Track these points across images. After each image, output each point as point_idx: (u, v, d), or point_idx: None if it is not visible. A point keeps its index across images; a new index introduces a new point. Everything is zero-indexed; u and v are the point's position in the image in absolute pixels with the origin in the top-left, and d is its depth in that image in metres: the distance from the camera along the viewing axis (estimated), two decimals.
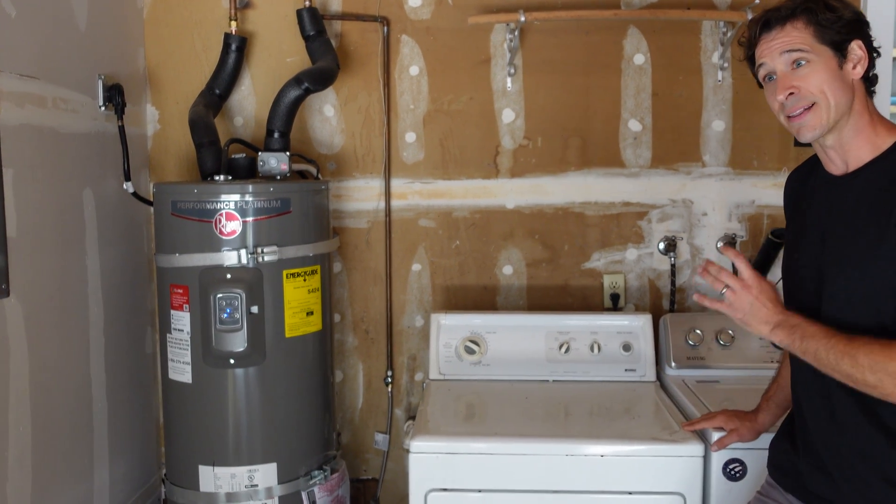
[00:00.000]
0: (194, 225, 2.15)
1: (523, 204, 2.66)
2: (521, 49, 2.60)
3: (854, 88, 1.43)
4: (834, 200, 1.48)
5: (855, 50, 1.43)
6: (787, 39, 1.44)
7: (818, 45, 1.42)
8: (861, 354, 1.33)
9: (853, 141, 1.45)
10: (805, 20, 1.43)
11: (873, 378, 1.32)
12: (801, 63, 1.43)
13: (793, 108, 1.44)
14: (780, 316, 1.45)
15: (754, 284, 1.47)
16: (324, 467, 2.32)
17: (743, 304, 1.47)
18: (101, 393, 2.30)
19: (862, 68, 1.43)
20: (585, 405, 2.26)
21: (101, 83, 2.30)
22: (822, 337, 1.39)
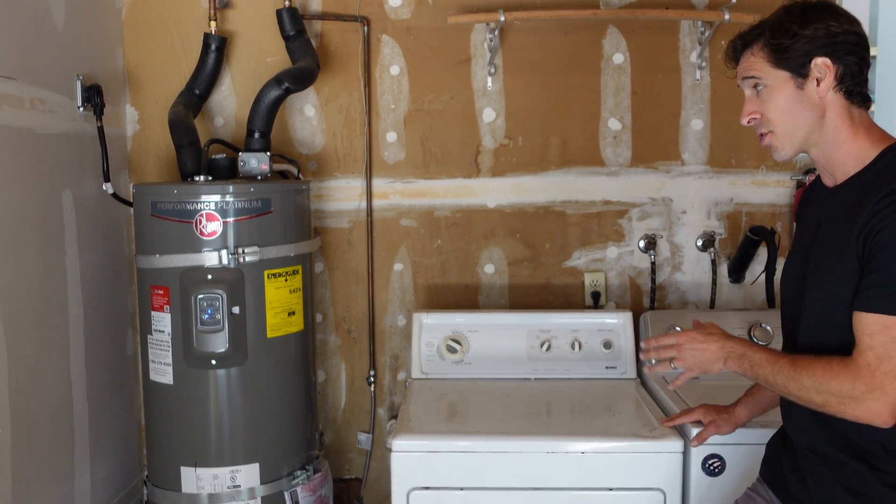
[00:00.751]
0: (174, 226, 2.15)
1: (504, 203, 2.67)
2: (502, 48, 2.61)
3: (825, 105, 1.42)
4: (822, 212, 1.50)
5: (818, 66, 1.40)
6: (745, 66, 1.47)
7: (773, 70, 1.43)
8: (804, 377, 1.38)
9: (834, 155, 1.45)
10: (760, 45, 1.44)
11: (820, 399, 1.37)
12: (760, 88, 1.45)
13: (757, 132, 1.50)
14: (724, 351, 1.52)
15: (683, 339, 1.57)
16: (306, 467, 2.32)
17: (689, 361, 1.56)
18: (81, 394, 2.29)
19: (828, 84, 1.40)
20: (566, 403, 2.27)
21: (80, 83, 2.29)
22: (767, 363, 1.44)
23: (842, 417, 1.36)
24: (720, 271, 2.67)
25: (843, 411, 1.35)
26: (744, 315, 2.48)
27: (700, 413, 1.90)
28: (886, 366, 1.31)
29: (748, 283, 2.66)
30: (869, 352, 1.32)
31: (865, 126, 1.44)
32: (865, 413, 1.33)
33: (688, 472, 1.93)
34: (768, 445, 1.69)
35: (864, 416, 1.33)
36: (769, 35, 1.43)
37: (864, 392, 1.32)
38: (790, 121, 1.43)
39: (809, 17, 1.41)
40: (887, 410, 1.31)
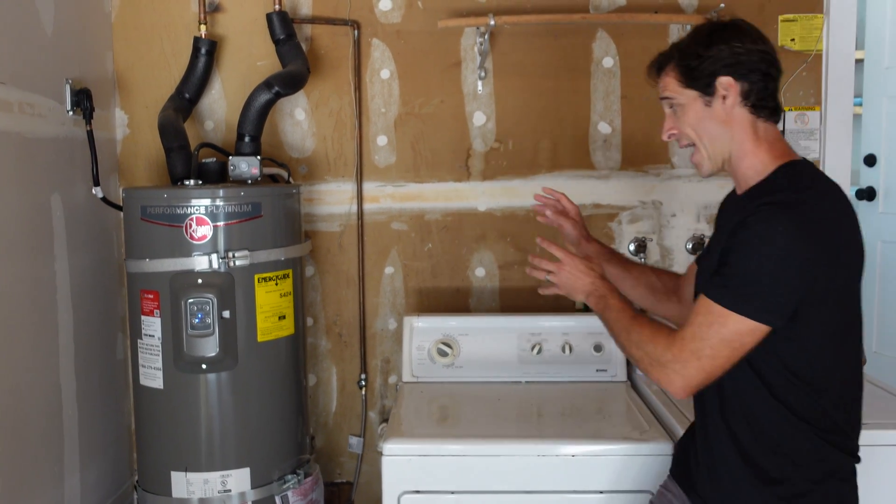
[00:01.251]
0: (164, 230, 2.14)
1: (495, 206, 2.68)
2: (492, 52, 2.62)
3: (732, 120, 1.50)
4: (724, 219, 1.62)
5: (722, 84, 1.48)
6: (661, 86, 1.58)
7: (683, 90, 1.52)
8: (635, 331, 1.52)
9: (739, 167, 1.53)
10: (672, 66, 1.54)
11: (638, 353, 1.51)
12: (674, 107, 1.56)
13: (681, 146, 1.59)
14: (592, 286, 1.65)
15: (567, 262, 1.68)
16: (297, 471, 2.32)
17: (562, 280, 1.68)
18: (71, 399, 2.28)
19: (732, 100, 1.49)
20: (557, 406, 2.27)
21: (69, 87, 2.28)
22: (618, 310, 1.58)
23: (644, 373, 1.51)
24: None
25: (649, 371, 1.49)
26: None
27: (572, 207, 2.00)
28: (694, 345, 1.42)
29: None
30: (689, 328, 1.44)
31: (769, 140, 1.52)
32: (664, 379, 1.46)
33: None
34: (678, 444, 1.77)
35: (663, 381, 1.46)
36: (678, 57, 1.53)
37: (670, 361, 1.44)
38: (703, 136, 1.53)
39: (714, 38, 1.51)
40: (681, 383, 1.44)
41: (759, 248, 1.37)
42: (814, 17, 2.61)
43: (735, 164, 1.53)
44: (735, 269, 1.40)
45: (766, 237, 1.37)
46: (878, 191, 3.54)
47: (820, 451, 1.47)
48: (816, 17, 2.61)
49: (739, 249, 1.40)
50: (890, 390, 2.27)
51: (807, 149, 2.65)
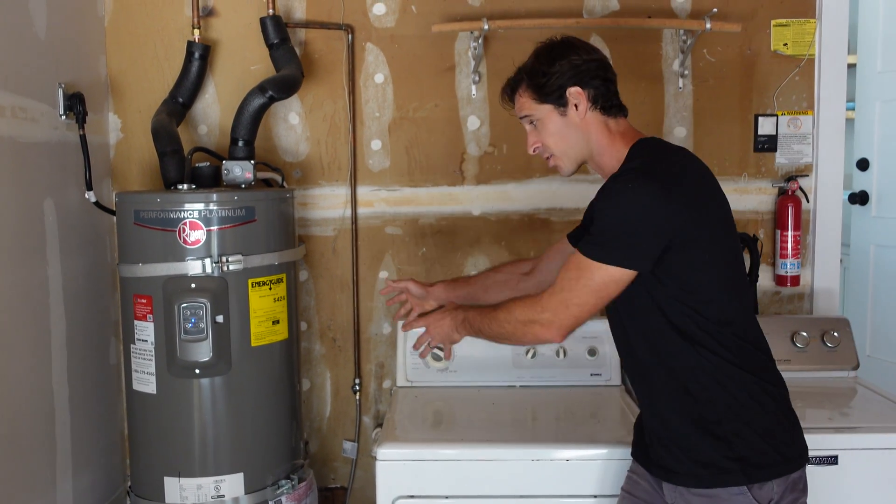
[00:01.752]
0: (158, 234, 2.14)
1: (489, 211, 2.68)
2: (486, 57, 2.62)
3: (587, 124, 1.67)
4: None
5: (572, 94, 1.65)
6: (518, 107, 1.74)
7: (539, 106, 1.68)
8: (499, 313, 1.71)
9: (601, 161, 1.70)
10: (524, 86, 1.70)
11: (510, 327, 1.68)
12: (533, 123, 1.71)
13: (543, 157, 1.74)
14: (455, 322, 1.88)
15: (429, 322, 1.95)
16: (291, 476, 2.31)
17: (438, 337, 1.94)
18: (63, 404, 2.27)
19: (584, 106, 1.66)
20: (552, 410, 2.27)
21: (62, 92, 2.28)
22: (479, 316, 1.79)
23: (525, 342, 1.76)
24: None
25: (524, 333, 1.65)
26: None
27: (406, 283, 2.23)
28: (563, 294, 1.59)
29: None
30: (558, 283, 1.61)
31: (621, 132, 1.69)
32: (539, 331, 1.62)
33: None
34: (635, 426, 1.82)
35: (539, 333, 1.62)
36: (527, 78, 1.69)
37: (540, 313, 1.61)
38: (563, 143, 1.69)
39: (554, 55, 1.68)
40: (555, 327, 1.60)
41: (617, 205, 1.54)
42: (806, 21, 2.62)
43: (598, 160, 1.70)
44: (598, 226, 1.57)
45: (622, 194, 1.54)
46: (870, 195, 3.55)
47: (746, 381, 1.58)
48: (809, 22, 2.62)
49: (601, 210, 1.58)
50: (883, 394, 2.27)
51: (799, 153, 2.66)
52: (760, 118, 2.65)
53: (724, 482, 1.55)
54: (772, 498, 1.55)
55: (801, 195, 2.64)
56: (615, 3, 2.61)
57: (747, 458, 1.55)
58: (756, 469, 1.55)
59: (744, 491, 1.54)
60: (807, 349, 2.42)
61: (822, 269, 2.68)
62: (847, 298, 3.58)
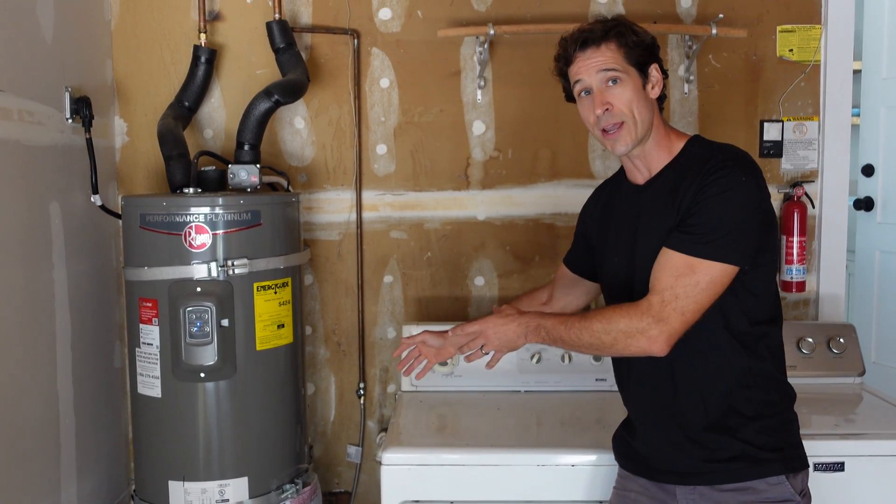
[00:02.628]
0: (163, 238, 2.14)
1: (494, 215, 2.68)
2: (491, 62, 2.63)
3: (653, 105, 1.63)
4: (640, 204, 1.66)
5: (654, 73, 1.61)
6: (601, 59, 1.59)
7: (627, 66, 1.59)
8: (594, 322, 1.55)
9: (654, 151, 1.64)
10: (616, 42, 1.59)
11: (608, 338, 1.53)
12: (615, 81, 1.58)
13: (607, 124, 1.60)
14: (522, 327, 1.66)
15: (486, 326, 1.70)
16: (296, 481, 2.31)
17: (496, 342, 1.70)
18: (68, 408, 2.27)
19: (658, 89, 1.62)
20: (557, 415, 2.27)
21: (69, 95, 2.28)
22: (559, 324, 1.61)
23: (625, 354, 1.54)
24: None
25: (627, 346, 1.51)
26: None
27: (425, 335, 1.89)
28: (678, 303, 1.48)
29: None
30: (668, 290, 1.48)
31: (669, 126, 1.68)
32: (646, 343, 1.49)
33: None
34: (614, 439, 1.82)
35: (645, 346, 1.50)
36: (620, 35, 1.59)
37: (650, 324, 1.48)
38: (639, 114, 1.59)
39: (642, 28, 1.63)
40: (664, 339, 1.49)
41: (724, 197, 1.48)
42: (812, 27, 2.62)
43: (650, 150, 1.63)
44: (702, 221, 1.49)
45: (729, 187, 1.48)
46: (875, 201, 3.54)
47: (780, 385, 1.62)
48: (814, 28, 2.62)
49: (710, 205, 1.49)
50: (889, 400, 2.27)
51: (805, 158, 2.66)
52: (766, 124, 2.65)
53: (763, 473, 1.55)
54: (803, 489, 1.58)
55: (807, 201, 2.64)
56: (620, 8, 2.61)
57: (783, 449, 1.57)
58: (791, 459, 1.58)
59: (782, 480, 1.56)
60: (812, 355, 2.42)
61: (827, 274, 2.68)
62: (852, 304, 3.58)
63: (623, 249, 1.69)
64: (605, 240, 1.77)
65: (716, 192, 1.49)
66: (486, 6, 2.61)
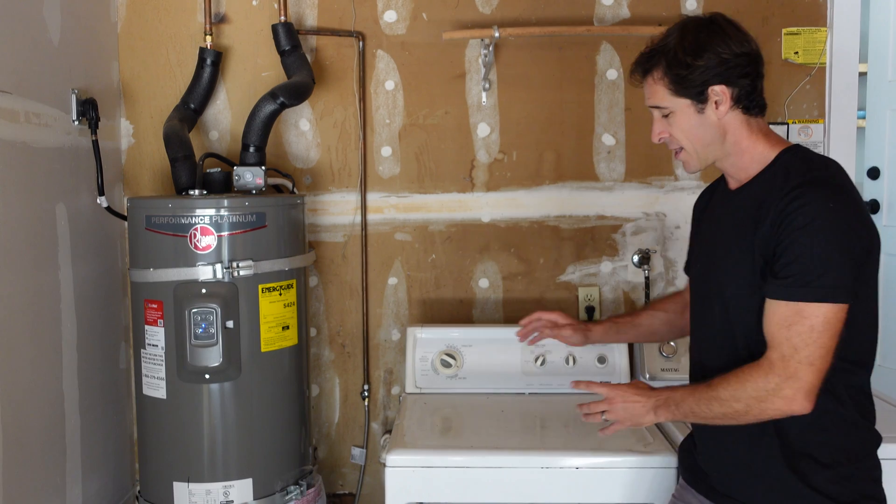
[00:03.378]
0: (169, 239, 2.14)
1: (499, 217, 2.68)
2: (496, 64, 2.63)
3: (725, 125, 1.52)
4: (725, 212, 1.61)
5: (715, 92, 1.49)
6: (648, 93, 1.56)
7: (675, 99, 1.52)
8: (721, 390, 1.45)
9: (739, 162, 1.56)
10: (661, 73, 1.52)
11: (740, 406, 1.43)
12: (666, 115, 1.55)
13: (670, 148, 1.60)
14: (651, 402, 1.60)
15: (615, 395, 1.64)
16: (300, 482, 2.31)
17: (621, 415, 1.64)
18: (73, 409, 2.28)
19: (726, 107, 1.50)
20: (561, 418, 2.26)
21: (75, 97, 2.29)
22: (688, 396, 1.52)
23: (764, 418, 1.42)
24: None
25: (763, 410, 1.41)
26: None
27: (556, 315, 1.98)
28: (801, 354, 1.38)
29: None
30: (785, 343, 1.38)
31: (763, 132, 1.55)
32: (783, 404, 1.39)
33: None
34: (681, 449, 1.77)
35: (783, 407, 1.39)
36: (666, 66, 1.51)
37: (779, 383, 1.38)
38: (696, 141, 1.54)
39: (702, 43, 1.49)
40: (802, 395, 1.38)
41: (819, 230, 1.37)
42: (817, 30, 2.62)
43: (734, 161, 1.55)
44: (801, 260, 1.37)
45: (821, 218, 1.38)
46: (881, 204, 3.54)
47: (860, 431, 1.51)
48: (820, 31, 2.62)
49: (798, 239, 1.38)
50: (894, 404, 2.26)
51: None
52: (771, 126, 2.64)
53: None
54: None
55: None
56: (626, 12, 2.61)
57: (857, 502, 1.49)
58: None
59: None
60: None
61: None
62: None
63: (704, 256, 1.65)
64: (697, 243, 1.74)
65: (801, 225, 1.38)
66: (492, 8, 2.61)
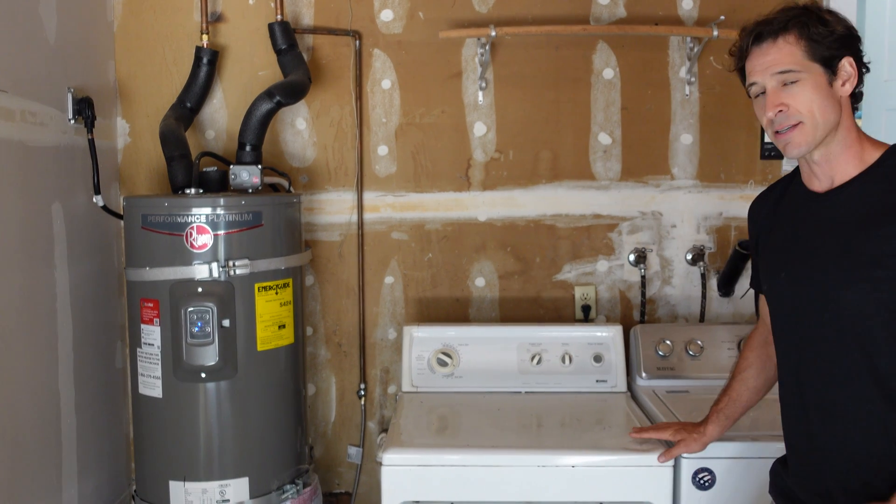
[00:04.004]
0: (165, 238, 2.14)
1: (495, 216, 2.68)
2: (492, 63, 2.63)
3: (842, 105, 1.43)
4: (822, 217, 1.47)
5: (845, 67, 1.41)
6: (777, 58, 1.42)
7: (808, 63, 1.40)
8: None
9: (841, 157, 1.44)
10: (797, 34, 1.40)
11: None
12: (794, 82, 1.41)
13: (781, 125, 1.43)
14: None
15: None
16: (296, 481, 2.31)
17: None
18: (70, 408, 2.28)
19: (851, 86, 1.42)
20: (557, 416, 2.27)
21: (71, 96, 2.29)
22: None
23: None
24: (710, 285, 2.68)
25: None
26: (733, 328, 2.50)
27: (671, 432, 1.91)
28: None
29: (737, 297, 2.68)
30: None
31: (862, 132, 1.46)
32: None
33: (678, 486, 1.93)
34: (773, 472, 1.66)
35: None
36: (802, 28, 1.39)
37: None
38: (821, 114, 1.40)
39: (835, 15, 1.41)
40: None
41: None
42: None
43: (835, 154, 1.44)
44: None
45: None
46: None
47: None
48: None
49: None
50: None
51: None
52: None
53: None
54: None
55: None
56: (622, 11, 2.62)
57: None
58: None
59: None
60: None
61: None
62: None
63: (796, 265, 1.50)
64: (773, 251, 1.59)
65: None
66: (488, 7, 2.61)
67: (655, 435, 1.94)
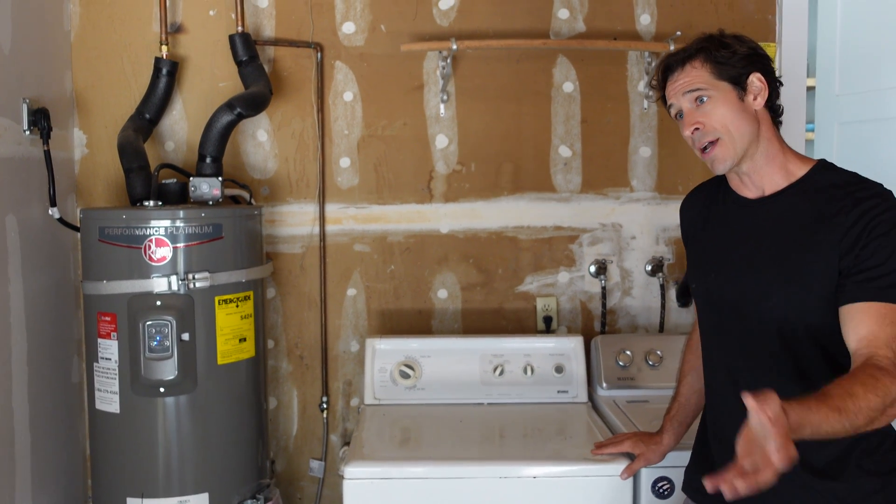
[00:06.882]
0: (123, 251, 2.11)
1: (457, 228, 2.69)
2: (454, 76, 2.65)
3: (759, 118, 1.52)
4: (754, 222, 1.56)
5: (754, 82, 1.51)
6: (687, 80, 1.53)
7: (716, 81, 1.51)
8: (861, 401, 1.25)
9: (766, 168, 1.54)
10: (702, 59, 1.52)
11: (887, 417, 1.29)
12: (703, 100, 1.51)
13: (700, 143, 1.53)
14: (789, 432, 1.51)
15: None
16: (257, 496, 2.29)
17: None
18: (23, 425, 2.23)
19: (763, 99, 1.52)
20: (519, 427, 2.28)
21: (26, 107, 2.25)
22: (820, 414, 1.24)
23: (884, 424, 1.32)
24: (669, 296, 2.72)
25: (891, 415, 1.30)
26: None
27: (629, 444, 1.93)
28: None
29: None
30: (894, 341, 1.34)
31: (787, 146, 1.56)
32: None
33: (638, 495, 1.95)
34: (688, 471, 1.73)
35: None
36: (706, 52, 1.51)
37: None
38: (735, 128, 1.50)
39: (738, 37, 1.54)
40: None
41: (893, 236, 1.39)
42: (766, 45, 2.69)
43: (760, 165, 1.53)
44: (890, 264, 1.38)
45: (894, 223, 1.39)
46: None
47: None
48: (769, 46, 2.69)
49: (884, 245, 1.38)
50: None
51: None
52: None
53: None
54: None
55: None
56: (581, 25, 2.65)
57: None
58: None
59: None
60: None
61: None
62: None
63: (727, 267, 1.58)
64: (703, 251, 1.67)
65: (883, 232, 1.39)
66: (449, 21, 2.63)
67: (615, 449, 1.96)
